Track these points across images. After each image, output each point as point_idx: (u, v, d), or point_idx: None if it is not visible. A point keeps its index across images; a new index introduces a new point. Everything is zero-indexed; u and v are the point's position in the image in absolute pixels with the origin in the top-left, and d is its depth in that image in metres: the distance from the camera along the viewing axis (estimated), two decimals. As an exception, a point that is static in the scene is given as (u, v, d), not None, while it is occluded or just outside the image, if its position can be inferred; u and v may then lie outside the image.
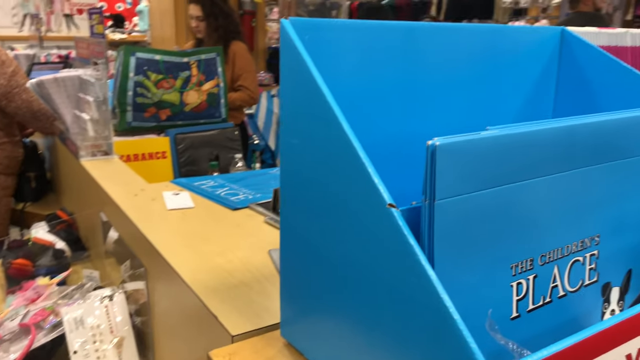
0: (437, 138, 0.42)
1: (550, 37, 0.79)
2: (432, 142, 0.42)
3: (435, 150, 0.41)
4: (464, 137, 0.43)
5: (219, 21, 2.64)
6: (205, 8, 2.63)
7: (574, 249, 0.55)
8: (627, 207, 0.61)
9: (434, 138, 0.42)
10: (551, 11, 6.37)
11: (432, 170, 0.42)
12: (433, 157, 0.42)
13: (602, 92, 0.76)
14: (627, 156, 0.58)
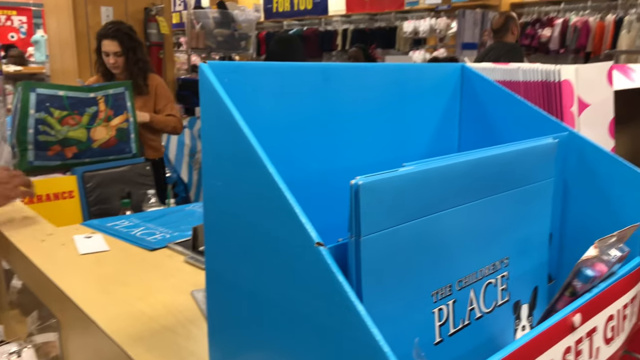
0: (360, 177, 0.44)
1: (452, 73, 0.85)
2: (355, 181, 0.44)
3: (359, 189, 0.43)
4: (384, 174, 0.46)
5: (138, 54, 2.61)
6: (123, 43, 2.58)
7: (487, 272, 0.59)
8: (530, 230, 0.66)
9: (357, 177, 0.44)
10: (448, 41, 6.83)
11: (357, 208, 0.44)
12: (357, 196, 0.44)
13: (500, 124, 0.82)
14: (527, 183, 0.64)
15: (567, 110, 0.77)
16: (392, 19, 8.09)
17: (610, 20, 5.78)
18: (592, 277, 0.58)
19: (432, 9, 7.16)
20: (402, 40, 7.76)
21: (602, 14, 5.92)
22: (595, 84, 0.78)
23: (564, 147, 0.74)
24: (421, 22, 7.17)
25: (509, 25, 3.96)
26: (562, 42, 6.12)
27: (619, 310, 0.64)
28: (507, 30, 3.95)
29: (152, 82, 2.68)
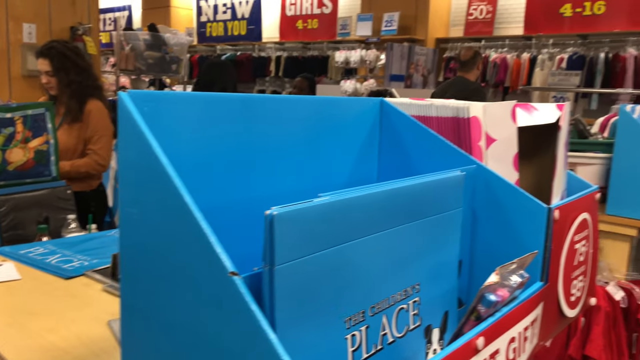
0: (275, 207, 0.46)
1: (372, 107, 0.89)
2: (270, 212, 0.45)
3: (273, 219, 0.45)
4: (299, 205, 0.48)
5: (71, 76, 2.42)
6: (54, 62, 2.40)
7: (399, 298, 0.62)
8: (441, 257, 0.70)
9: (272, 208, 0.46)
10: (377, 72, 7.06)
11: (271, 238, 0.45)
12: (271, 226, 0.45)
13: (416, 156, 0.87)
14: (437, 212, 0.68)
15: (476, 145, 0.83)
16: (324, 48, 8.27)
17: (526, 58, 6.21)
18: (495, 301, 0.62)
19: (362, 40, 7.40)
20: (334, 69, 7.94)
21: (519, 52, 6.35)
22: (500, 120, 0.85)
23: (472, 178, 0.79)
24: (352, 53, 7.38)
25: (477, 60, 4.07)
26: (483, 76, 6.49)
27: (520, 333, 0.69)
28: (473, 65, 4.04)
29: (88, 108, 2.46)
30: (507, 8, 6.62)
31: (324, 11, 8.54)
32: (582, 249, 0.87)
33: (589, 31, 5.87)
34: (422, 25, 6.94)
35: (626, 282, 1.70)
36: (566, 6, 6.04)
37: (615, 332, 1.64)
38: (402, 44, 5.68)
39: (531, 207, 0.76)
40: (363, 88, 7.13)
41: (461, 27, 7.04)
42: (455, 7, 7.16)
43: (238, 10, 9.66)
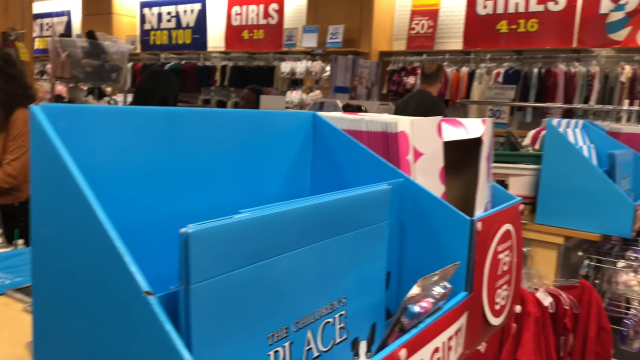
0: (191, 225, 0.45)
1: (304, 121, 0.90)
2: (185, 229, 0.44)
3: (188, 237, 0.44)
4: (217, 222, 0.47)
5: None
6: None
7: (325, 312, 0.62)
8: (368, 269, 0.71)
9: (188, 225, 0.45)
10: (323, 83, 7.13)
11: (186, 256, 0.44)
12: (186, 244, 0.44)
13: (348, 170, 0.88)
14: (363, 226, 0.69)
15: (404, 159, 0.85)
16: (270, 58, 8.28)
17: (465, 72, 6.44)
18: (418, 313, 0.64)
19: (308, 52, 7.46)
20: (280, 80, 7.96)
21: (458, 66, 6.58)
22: (427, 135, 0.87)
23: (400, 191, 0.81)
24: (298, 64, 7.43)
25: (440, 74, 4.11)
26: (425, 89, 6.67)
27: (444, 342, 0.71)
28: (436, 78, 4.09)
29: (14, 116, 2.34)
30: (448, 23, 6.85)
31: (270, 22, 8.56)
32: (505, 258, 0.91)
33: (524, 47, 6.15)
34: (366, 38, 7.07)
35: (554, 289, 1.77)
36: (502, 23, 6.32)
37: (545, 337, 1.71)
38: (346, 56, 5.76)
39: (455, 219, 0.78)
40: (309, 99, 7.17)
41: (404, 41, 7.22)
42: (398, 21, 7.35)
43: (183, 19, 9.54)
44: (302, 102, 7.36)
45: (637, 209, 1.75)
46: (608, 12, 5.64)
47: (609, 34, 5.65)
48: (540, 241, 1.89)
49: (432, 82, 4.14)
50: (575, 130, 2.09)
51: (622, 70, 5.40)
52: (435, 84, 4.14)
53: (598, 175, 1.76)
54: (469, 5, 6.54)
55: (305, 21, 7.73)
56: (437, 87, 4.16)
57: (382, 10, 7.12)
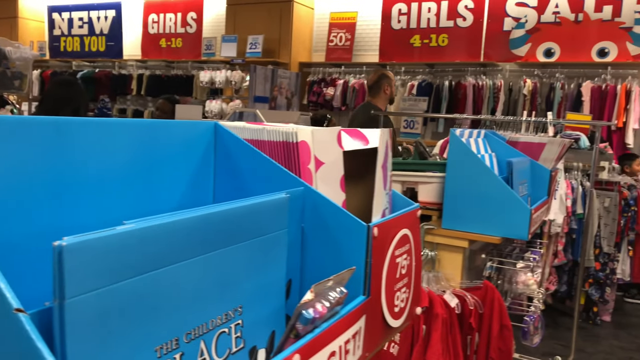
0: (66, 238, 0.44)
1: (206, 130, 0.89)
2: (59, 242, 0.43)
3: (62, 250, 0.43)
4: (95, 234, 0.46)
5: None
6: None
7: (219, 322, 0.62)
8: (266, 278, 0.71)
9: (63, 238, 0.44)
10: (242, 93, 7.10)
11: (60, 270, 0.43)
12: (60, 258, 0.43)
13: (250, 179, 0.88)
14: (260, 235, 0.69)
15: (305, 168, 0.86)
16: (189, 67, 8.14)
17: (382, 84, 6.64)
18: (312, 318, 0.65)
19: (227, 61, 7.40)
20: (200, 89, 7.84)
21: (375, 78, 6.77)
22: (328, 145, 0.90)
23: (300, 200, 0.83)
24: (217, 73, 7.35)
25: (381, 83, 3.85)
26: (344, 100, 6.82)
27: (341, 346, 0.73)
28: (378, 89, 3.85)
29: None
30: (364, 37, 7.05)
31: (188, 31, 8.43)
32: (403, 262, 0.94)
33: (435, 61, 6.45)
34: (286, 49, 7.13)
35: (460, 290, 1.86)
36: (415, 37, 6.59)
37: (452, 337, 1.79)
38: (266, 66, 5.77)
39: (352, 225, 0.81)
40: (229, 108, 7.11)
41: (323, 53, 7.35)
42: (317, 33, 7.47)
43: (96, 26, 9.17)
44: (222, 112, 7.28)
45: (533, 213, 1.88)
46: (511, 29, 6.04)
47: (512, 49, 6.05)
48: (446, 245, 1.98)
49: (375, 94, 3.92)
50: (478, 139, 2.21)
51: (524, 84, 5.79)
52: (379, 95, 3.89)
53: (497, 182, 1.87)
54: (384, 19, 6.77)
55: (224, 30, 7.67)
56: (382, 98, 3.91)
57: (301, 21, 7.21)
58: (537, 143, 2.31)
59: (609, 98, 5.38)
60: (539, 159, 2.28)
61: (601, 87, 5.45)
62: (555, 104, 5.56)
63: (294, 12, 6.98)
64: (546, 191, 2.24)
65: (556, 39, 5.81)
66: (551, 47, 5.83)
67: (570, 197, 3.52)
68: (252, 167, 0.87)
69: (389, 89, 3.86)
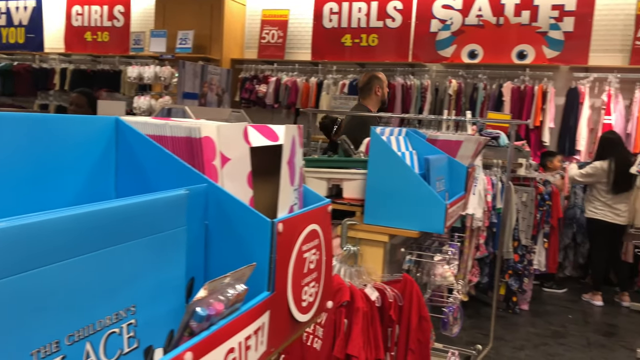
0: None
1: (105, 126, 0.86)
2: None
3: None
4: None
5: None
6: None
7: (108, 322, 0.60)
8: (163, 276, 0.70)
9: None
10: (172, 89, 6.92)
11: None
12: None
13: (153, 176, 0.86)
14: (156, 232, 0.68)
15: (210, 164, 0.85)
16: (116, 62, 7.85)
17: (314, 82, 6.68)
18: (207, 316, 0.64)
19: (156, 57, 7.20)
20: (127, 84, 7.57)
21: (307, 76, 6.80)
22: (234, 141, 0.89)
23: (203, 196, 0.82)
24: (146, 69, 7.13)
25: (372, 85, 3.70)
26: (276, 98, 6.80)
27: (240, 343, 0.73)
28: (369, 90, 3.70)
29: None
30: (296, 35, 7.06)
31: (115, 24, 8.13)
32: (312, 257, 0.96)
33: (366, 60, 6.56)
34: (217, 45, 7.02)
35: (380, 284, 1.91)
36: (346, 37, 6.67)
37: (373, 329, 1.83)
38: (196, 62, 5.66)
39: (256, 221, 0.81)
40: (158, 105, 6.91)
41: (255, 50, 7.30)
42: (249, 30, 7.41)
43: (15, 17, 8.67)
44: (151, 108, 7.07)
45: (448, 208, 1.96)
46: (437, 30, 6.24)
47: (438, 50, 6.25)
48: (368, 240, 2.02)
49: (366, 96, 3.75)
50: (399, 137, 2.27)
51: (450, 84, 6.00)
52: (370, 97, 3.71)
53: (414, 178, 1.93)
54: (316, 18, 6.81)
55: (153, 25, 7.46)
56: (373, 100, 3.72)
57: (233, 18, 7.13)
58: (455, 141, 2.40)
59: (527, 98, 5.67)
60: (457, 156, 2.37)
61: (520, 88, 5.75)
62: (479, 103, 5.80)
63: (225, 8, 6.89)
64: (463, 187, 2.33)
65: (479, 41, 6.06)
66: (475, 48, 6.08)
67: (490, 193, 3.68)
68: (154, 163, 0.85)
69: (381, 90, 3.71)
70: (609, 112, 5.44)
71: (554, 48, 5.78)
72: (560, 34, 5.74)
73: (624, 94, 5.51)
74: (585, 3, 5.64)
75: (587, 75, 5.65)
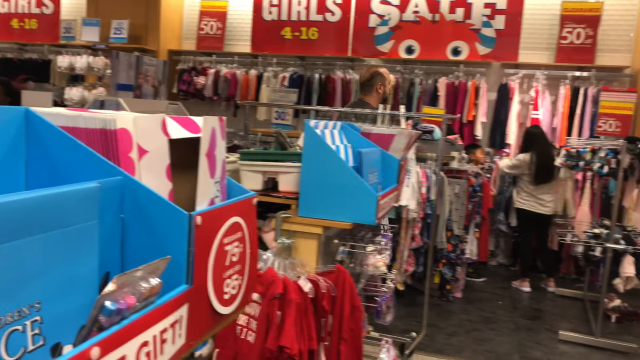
0: None
1: (14, 117, 0.83)
2: None
3: None
4: None
5: None
6: None
7: (10, 319, 0.58)
8: (73, 271, 0.68)
9: None
10: (106, 80, 6.68)
11: None
12: None
13: (66, 168, 0.83)
14: (64, 226, 0.66)
15: (126, 156, 0.84)
16: (45, 51, 7.49)
17: (253, 75, 6.63)
18: (116, 310, 0.63)
19: (89, 46, 6.92)
20: (58, 74, 7.25)
21: (247, 68, 6.74)
22: (152, 133, 0.87)
23: (119, 189, 0.80)
24: (78, 59, 6.84)
25: (374, 81, 3.60)
26: (215, 90, 6.70)
27: (155, 336, 0.72)
28: (371, 87, 3.60)
29: None
30: (236, 26, 6.97)
31: (44, 11, 7.75)
32: (234, 249, 0.96)
33: (306, 54, 6.57)
34: (154, 35, 6.83)
35: (314, 275, 1.93)
36: (286, 29, 6.66)
37: (306, 320, 1.85)
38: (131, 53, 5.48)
39: (173, 214, 0.80)
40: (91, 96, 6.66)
41: (194, 41, 7.15)
42: (187, 20, 7.25)
43: None
44: (83, 100, 6.80)
45: (380, 199, 2.00)
46: (375, 25, 6.33)
47: (377, 45, 6.35)
48: (302, 232, 2.04)
49: (367, 92, 3.63)
50: (334, 131, 2.30)
51: (388, 79, 6.11)
52: (372, 94, 3.60)
53: (347, 171, 1.96)
54: (256, 10, 6.75)
55: (85, 13, 7.16)
56: (374, 97, 3.61)
57: (170, 8, 6.95)
58: (388, 134, 2.45)
59: (461, 93, 5.87)
60: (389, 149, 2.43)
61: (454, 83, 5.93)
62: (415, 98, 5.94)
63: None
64: (396, 179, 2.39)
65: (416, 37, 6.20)
66: (412, 44, 6.22)
67: (425, 185, 3.79)
68: (66, 155, 0.82)
69: (382, 88, 3.61)
70: (537, 107, 5.71)
71: (487, 45, 5.99)
72: (492, 32, 5.96)
73: (550, 90, 5.79)
74: (515, 2, 5.88)
75: (516, 72, 5.90)
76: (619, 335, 4.05)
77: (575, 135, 5.50)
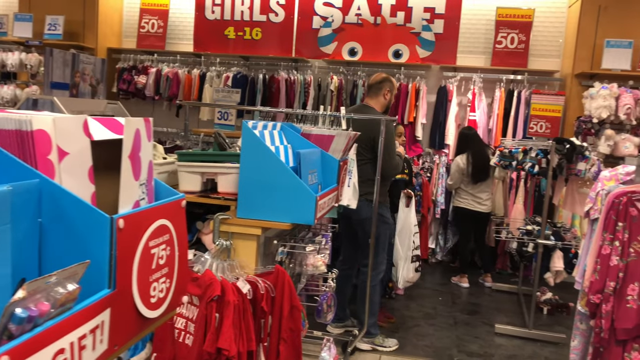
0: None
1: None
2: None
3: None
4: None
5: None
6: None
7: None
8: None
9: None
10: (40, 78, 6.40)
11: None
12: None
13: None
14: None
15: (44, 158, 0.81)
16: (-27, 47, 7.08)
17: (196, 74, 6.52)
18: (28, 317, 0.62)
19: (22, 42, 6.61)
20: (-11, 71, 6.87)
21: (190, 68, 6.62)
22: (72, 134, 0.85)
23: (36, 193, 0.78)
24: (9, 55, 6.52)
25: (382, 86, 3.54)
26: (157, 89, 6.55)
27: (72, 343, 0.70)
28: (379, 90, 3.53)
29: None
30: (178, 25, 6.84)
31: (-29, 4, 7.33)
32: (161, 252, 0.94)
33: (250, 54, 6.53)
34: (92, 32, 6.60)
35: (252, 276, 1.93)
36: (230, 29, 6.59)
37: (245, 322, 1.85)
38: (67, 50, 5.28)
39: (94, 218, 0.78)
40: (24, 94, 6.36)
41: (134, 39, 6.96)
42: (127, 18, 7.05)
43: None
44: (15, 98, 6.49)
45: (318, 200, 2.02)
46: (319, 27, 6.37)
47: (320, 47, 6.38)
48: (241, 234, 2.03)
49: (373, 96, 3.57)
50: (273, 131, 2.30)
51: (332, 80, 6.16)
52: (378, 98, 3.56)
53: (285, 171, 1.97)
54: (198, 9, 6.65)
55: (17, 8, 6.83)
56: (380, 102, 3.56)
57: (109, 4, 6.74)
58: (328, 135, 2.48)
59: (402, 95, 5.99)
60: (329, 149, 2.45)
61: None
62: (358, 99, 6.01)
63: (99, -7, 6.49)
64: (336, 179, 2.41)
65: (359, 39, 6.28)
66: (354, 46, 6.29)
67: (367, 185, 3.85)
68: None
69: (389, 95, 3.58)
70: (474, 109, 5.91)
71: (426, 48, 6.15)
72: (432, 35, 6.12)
73: (487, 93, 6.01)
74: (453, 7, 6.06)
75: (454, 75, 6.08)
76: (550, 326, 4.26)
77: (510, 136, 5.73)
